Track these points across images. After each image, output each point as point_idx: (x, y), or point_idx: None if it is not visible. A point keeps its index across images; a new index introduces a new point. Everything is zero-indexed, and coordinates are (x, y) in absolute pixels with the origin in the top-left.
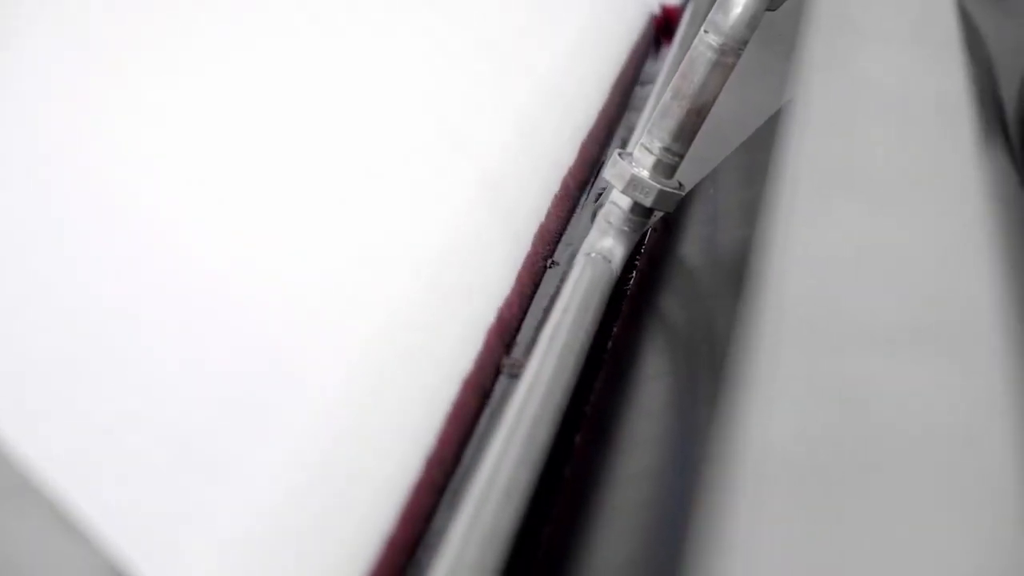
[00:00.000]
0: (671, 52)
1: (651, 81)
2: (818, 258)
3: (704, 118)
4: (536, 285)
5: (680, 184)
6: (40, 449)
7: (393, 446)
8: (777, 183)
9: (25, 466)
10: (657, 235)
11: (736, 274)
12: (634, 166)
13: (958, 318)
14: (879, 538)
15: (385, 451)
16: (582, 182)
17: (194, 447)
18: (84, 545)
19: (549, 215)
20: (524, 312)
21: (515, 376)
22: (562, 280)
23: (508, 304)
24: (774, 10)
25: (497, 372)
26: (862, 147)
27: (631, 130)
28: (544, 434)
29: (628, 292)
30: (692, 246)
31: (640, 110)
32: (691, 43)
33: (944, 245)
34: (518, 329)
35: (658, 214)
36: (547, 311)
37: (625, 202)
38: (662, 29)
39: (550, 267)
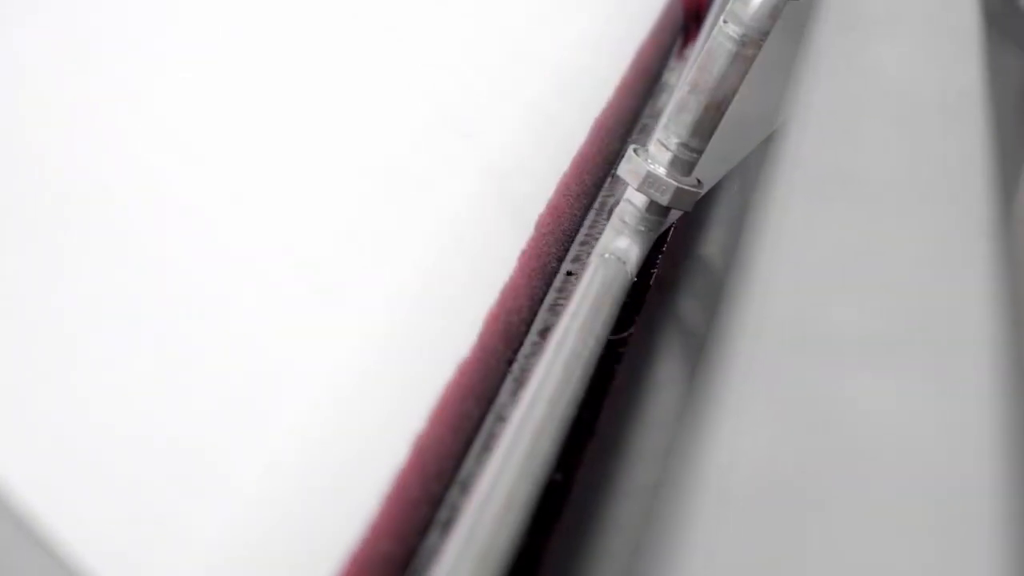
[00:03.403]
0: (697, 47)
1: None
2: (806, 265)
3: (723, 113)
4: (547, 281)
5: (699, 181)
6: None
7: (385, 444)
8: (769, 187)
9: None
10: (677, 235)
11: None
12: (649, 162)
13: (943, 330)
14: (842, 556)
15: (376, 454)
16: (597, 176)
17: (177, 451)
18: (50, 558)
19: (560, 205)
20: (533, 314)
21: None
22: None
23: (513, 291)
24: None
25: (503, 370)
26: (862, 148)
27: (655, 121)
28: (547, 446)
29: (646, 294)
30: (712, 247)
31: (665, 100)
32: None
33: (938, 253)
34: (526, 332)
35: (676, 213)
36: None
37: (640, 200)
38: (691, 15)
39: (568, 274)
